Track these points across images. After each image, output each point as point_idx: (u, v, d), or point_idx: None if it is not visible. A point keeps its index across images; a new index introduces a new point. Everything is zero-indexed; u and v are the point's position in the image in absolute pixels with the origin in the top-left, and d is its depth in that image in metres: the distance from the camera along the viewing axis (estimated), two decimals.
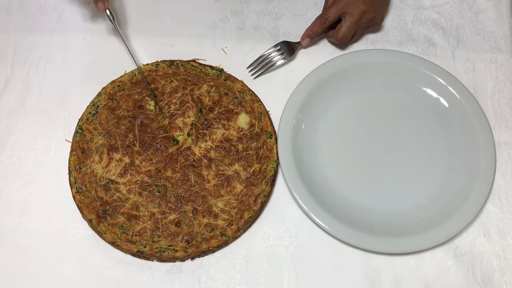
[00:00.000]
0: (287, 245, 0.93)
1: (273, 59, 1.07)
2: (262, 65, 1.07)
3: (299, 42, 1.08)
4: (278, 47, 1.08)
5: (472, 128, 0.98)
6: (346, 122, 1.01)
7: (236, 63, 1.07)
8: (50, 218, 0.95)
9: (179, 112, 1.01)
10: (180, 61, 1.05)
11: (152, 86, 1.03)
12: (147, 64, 1.05)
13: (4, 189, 0.98)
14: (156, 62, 1.06)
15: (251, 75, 1.07)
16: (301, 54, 1.09)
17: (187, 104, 1.01)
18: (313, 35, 1.05)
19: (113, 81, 1.03)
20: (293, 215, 0.95)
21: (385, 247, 0.90)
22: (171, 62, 1.05)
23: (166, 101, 1.01)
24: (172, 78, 1.04)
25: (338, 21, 1.03)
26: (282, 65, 1.08)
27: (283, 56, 1.07)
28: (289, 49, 1.07)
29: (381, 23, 1.08)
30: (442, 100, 1.02)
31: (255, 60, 1.07)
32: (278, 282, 0.90)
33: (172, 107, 1.01)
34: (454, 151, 0.98)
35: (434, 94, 1.02)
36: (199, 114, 1.00)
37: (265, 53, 1.07)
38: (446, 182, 0.96)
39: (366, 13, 1.01)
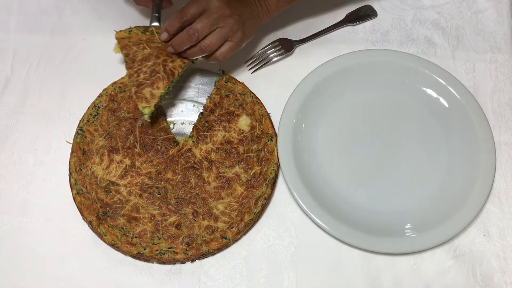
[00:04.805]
0: (287, 245, 0.93)
1: (271, 55, 1.07)
2: (260, 60, 1.08)
3: (298, 40, 1.08)
4: (277, 43, 1.08)
5: (472, 128, 0.98)
6: (346, 122, 1.01)
7: (235, 63, 1.07)
8: (50, 218, 0.96)
9: (148, 82, 0.94)
10: (156, 27, 1.00)
11: (123, 52, 0.97)
12: (120, 31, 0.98)
13: (4, 189, 0.98)
14: (129, 28, 0.99)
15: (249, 69, 1.07)
16: (300, 51, 1.10)
17: (158, 74, 0.94)
18: (171, 29, 0.94)
19: (114, 82, 1.03)
20: (293, 215, 0.95)
21: (385, 247, 0.90)
22: (146, 29, 0.99)
23: (135, 69, 0.95)
24: (145, 44, 0.97)
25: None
26: (280, 60, 1.08)
27: (280, 52, 1.08)
28: (287, 45, 1.08)
29: (241, 43, 0.96)
30: (442, 100, 1.02)
31: (253, 55, 1.08)
32: (278, 282, 0.90)
33: (142, 75, 0.94)
34: (454, 151, 0.98)
35: (434, 94, 1.02)
36: (200, 116, 1.00)
37: (264, 48, 1.08)
38: (446, 182, 0.96)
39: (227, 16, 0.91)
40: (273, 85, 1.06)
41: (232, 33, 0.93)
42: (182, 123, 1.02)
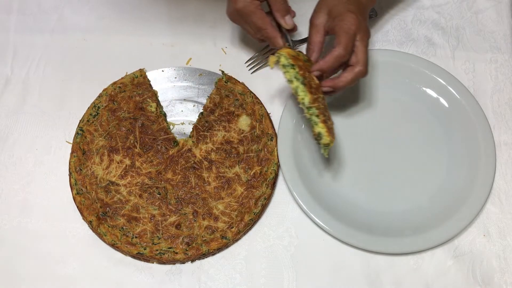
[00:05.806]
0: (287, 245, 0.93)
1: (271, 55, 1.07)
2: (260, 60, 1.07)
3: (298, 40, 1.08)
4: None
5: (472, 128, 0.98)
6: (346, 122, 1.01)
7: (235, 63, 1.07)
8: (50, 218, 0.96)
9: (327, 114, 0.88)
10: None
11: (301, 72, 0.87)
12: (289, 47, 0.93)
13: (4, 189, 0.98)
14: (297, 50, 0.93)
15: (249, 69, 1.07)
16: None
17: (328, 110, 0.90)
18: (328, 72, 0.91)
19: (114, 83, 1.03)
20: (293, 215, 0.95)
21: (385, 247, 0.90)
22: (308, 58, 0.92)
23: (316, 96, 0.87)
24: (313, 75, 0.90)
25: None
26: None
27: None
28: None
29: None
30: (442, 100, 1.02)
31: (253, 55, 1.08)
32: (278, 282, 0.91)
33: (321, 105, 0.88)
34: (454, 151, 0.98)
35: (434, 94, 1.02)
36: (200, 116, 1.00)
37: (264, 48, 1.08)
38: (446, 182, 0.96)
39: (368, 38, 0.92)
40: (273, 85, 1.06)
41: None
42: (182, 123, 1.02)
